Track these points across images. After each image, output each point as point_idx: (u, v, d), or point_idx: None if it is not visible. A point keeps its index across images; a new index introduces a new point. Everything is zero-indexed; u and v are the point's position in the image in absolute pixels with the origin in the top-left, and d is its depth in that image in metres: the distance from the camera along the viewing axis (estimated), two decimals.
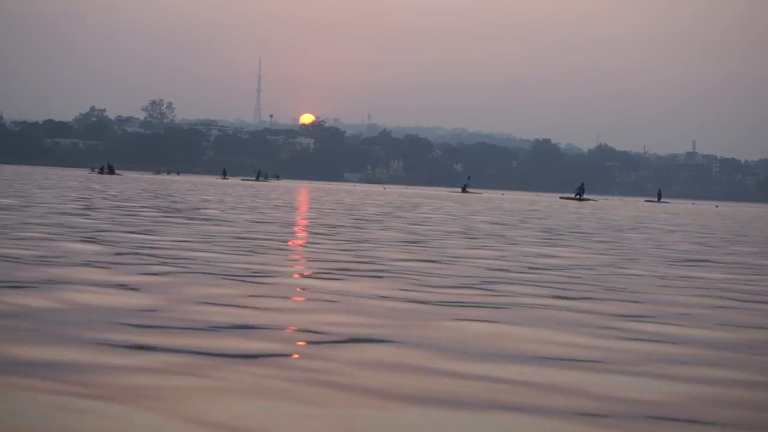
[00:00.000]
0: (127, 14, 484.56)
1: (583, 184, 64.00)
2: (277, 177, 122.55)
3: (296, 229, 13.25)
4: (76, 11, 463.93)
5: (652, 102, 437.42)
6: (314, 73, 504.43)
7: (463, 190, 72.96)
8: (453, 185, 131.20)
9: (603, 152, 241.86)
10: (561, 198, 69.27)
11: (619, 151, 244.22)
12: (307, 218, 16.87)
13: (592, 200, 65.51)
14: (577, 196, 62.28)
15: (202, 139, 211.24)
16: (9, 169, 75.68)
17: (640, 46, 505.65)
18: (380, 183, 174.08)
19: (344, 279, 6.61)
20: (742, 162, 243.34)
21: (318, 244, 10.13)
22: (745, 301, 6.76)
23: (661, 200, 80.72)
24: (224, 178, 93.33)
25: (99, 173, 76.12)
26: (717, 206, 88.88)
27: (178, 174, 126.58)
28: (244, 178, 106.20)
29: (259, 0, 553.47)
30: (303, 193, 44.54)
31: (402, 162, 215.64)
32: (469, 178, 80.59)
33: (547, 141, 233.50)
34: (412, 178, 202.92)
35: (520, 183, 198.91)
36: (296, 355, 3.80)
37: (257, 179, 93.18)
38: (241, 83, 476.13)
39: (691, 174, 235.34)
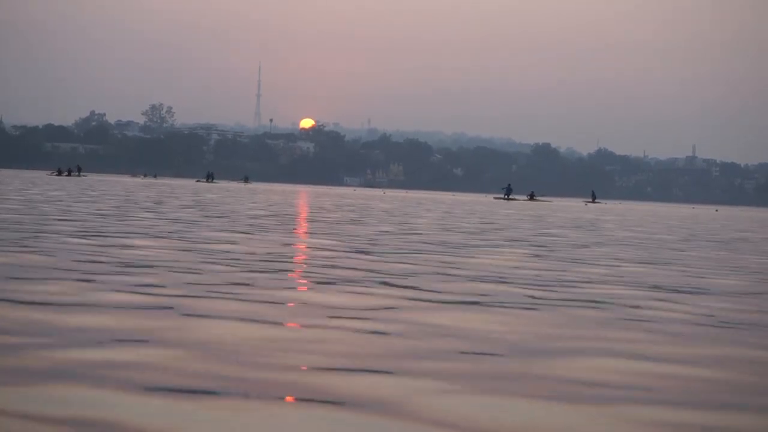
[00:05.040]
0: (126, 19, 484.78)
1: (509, 184, 72.03)
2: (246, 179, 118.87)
3: None
4: (76, 16, 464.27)
5: (651, 107, 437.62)
6: (314, 78, 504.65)
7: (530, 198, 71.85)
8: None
9: (603, 156, 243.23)
10: (494, 198, 76.41)
11: (618, 155, 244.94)
12: None
13: (517, 200, 70.84)
14: (506, 197, 69.32)
15: (202, 144, 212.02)
16: None
17: (640, 52, 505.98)
18: (380, 187, 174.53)
19: None
20: (742, 166, 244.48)
21: None
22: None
23: (595, 201, 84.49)
24: (210, 182, 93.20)
25: (57, 175, 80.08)
26: (717, 210, 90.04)
27: (155, 177, 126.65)
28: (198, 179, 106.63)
29: (259, 6, 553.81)
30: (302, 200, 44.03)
31: (402, 166, 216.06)
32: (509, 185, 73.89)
33: (546, 145, 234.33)
34: (411, 182, 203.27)
35: (519, 187, 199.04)
36: None
37: (208, 180, 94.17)
38: (241, 88, 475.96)
39: (691, 178, 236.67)
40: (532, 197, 72.50)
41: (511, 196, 70.47)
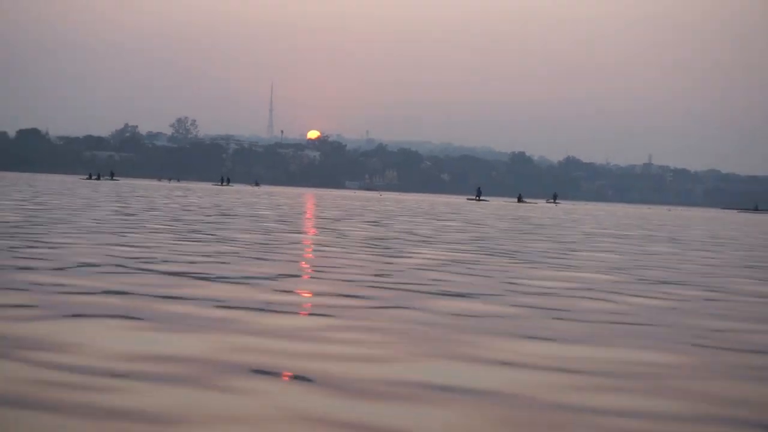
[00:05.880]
0: (158, 46, 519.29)
1: (480, 187, 75.98)
2: (257, 183, 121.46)
3: None
4: (116, 43, 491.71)
5: (614, 119, 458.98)
6: (319, 95, 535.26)
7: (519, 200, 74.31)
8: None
9: (570, 164, 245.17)
10: (467, 199, 78.84)
11: (584, 163, 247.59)
12: None
13: (486, 200, 74.77)
14: (477, 198, 72.66)
15: (222, 152, 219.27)
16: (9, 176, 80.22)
17: (605, 73, 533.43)
18: (377, 190, 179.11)
19: None
20: (692, 172, 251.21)
21: None
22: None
23: (556, 201, 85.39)
24: (224, 185, 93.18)
25: (87, 179, 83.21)
26: (669, 210, 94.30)
27: (179, 181, 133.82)
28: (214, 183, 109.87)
29: (272, 31, 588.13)
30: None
31: (396, 172, 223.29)
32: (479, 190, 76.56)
33: (522, 153, 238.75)
34: (404, 185, 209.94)
35: (499, 191, 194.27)
36: None
37: (222, 184, 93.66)
38: (256, 103, 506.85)
39: (647, 183, 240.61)
40: (520, 200, 73.87)
41: (481, 198, 73.09)
